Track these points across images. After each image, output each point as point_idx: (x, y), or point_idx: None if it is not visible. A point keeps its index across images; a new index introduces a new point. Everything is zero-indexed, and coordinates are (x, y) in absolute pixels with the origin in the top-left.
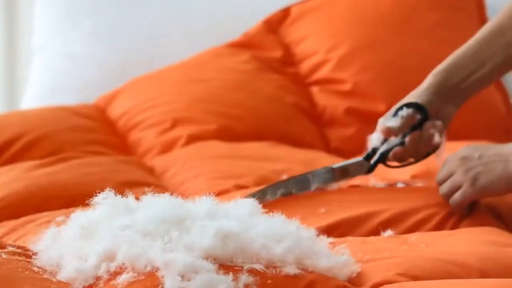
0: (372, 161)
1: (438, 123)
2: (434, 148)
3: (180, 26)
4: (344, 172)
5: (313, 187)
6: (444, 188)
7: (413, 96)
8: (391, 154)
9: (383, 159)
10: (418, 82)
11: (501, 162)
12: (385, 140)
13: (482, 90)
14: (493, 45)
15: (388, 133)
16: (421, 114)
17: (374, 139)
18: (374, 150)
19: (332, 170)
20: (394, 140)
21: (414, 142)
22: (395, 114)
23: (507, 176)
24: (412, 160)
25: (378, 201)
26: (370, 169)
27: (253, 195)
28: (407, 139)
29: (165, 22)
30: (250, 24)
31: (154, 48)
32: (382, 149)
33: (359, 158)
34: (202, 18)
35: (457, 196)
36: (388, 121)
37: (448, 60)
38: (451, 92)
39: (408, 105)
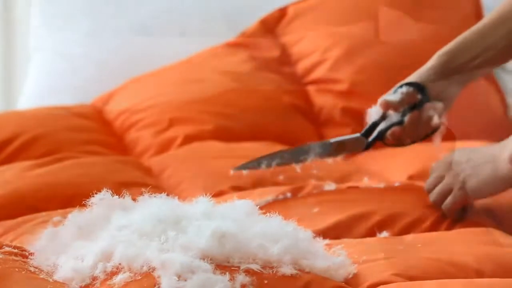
0: (370, 138)
1: (439, 105)
2: (433, 130)
3: (177, 26)
4: (341, 147)
5: (309, 159)
6: (435, 194)
7: (416, 75)
8: (389, 132)
9: (381, 137)
10: None
11: (489, 164)
12: (383, 115)
13: (486, 73)
14: (497, 31)
15: (386, 106)
16: (422, 94)
17: (373, 113)
18: (373, 127)
19: (329, 144)
20: (393, 118)
21: (413, 123)
22: (395, 91)
23: (496, 178)
24: (409, 140)
25: (374, 201)
26: (368, 146)
27: (248, 164)
28: (406, 118)
29: (162, 22)
30: (247, 24)
31: (151, 48)
32: (381, 126)
33: (357, 134)
34: (199, 18)
35: (448, 201)
36: (387, 95)
37: (454, 42)
38: (455, 73)
39: (409, 84)
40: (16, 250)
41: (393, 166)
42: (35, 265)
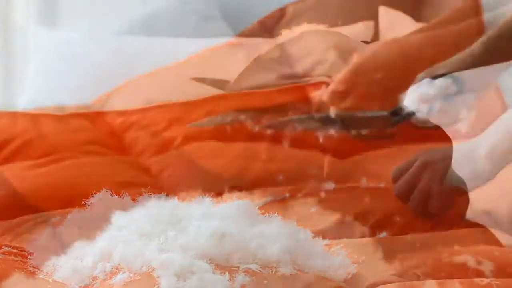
0: (397, 117)
1: (469, 97)
2: (457, 122)
3: (177, 26)
4: (367, 122)
5: (334, 130)
6: (414, 202)
7: (457, 61)
8: (415, 116)
9: (408, 117)
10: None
11: (465, 161)
12: (415, 103)
13: None
14: None
15: (423, 99)
16: (457, 86)
17: (406, 99)
18: (401, 108)
19: (356, 117)
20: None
21: (441, 113)
22: (434, 78)
23: (473, 174)
24: (434, 125)
25: (373, 201)
26: (393, 124)
27: (273, 123)
28: (435, 107)
29: (162, 22)
30: (246, 24)
31: (151, 48)
32: (409, 109)
33: (384, 112)
34: (199, 18)
35: (432, 204)
36: (426, 87)
37: (498, 28)
38: (497, 59)
39: (447, 76)
40: (15, 250)
41: (392, 166)
42: (34, 265)
